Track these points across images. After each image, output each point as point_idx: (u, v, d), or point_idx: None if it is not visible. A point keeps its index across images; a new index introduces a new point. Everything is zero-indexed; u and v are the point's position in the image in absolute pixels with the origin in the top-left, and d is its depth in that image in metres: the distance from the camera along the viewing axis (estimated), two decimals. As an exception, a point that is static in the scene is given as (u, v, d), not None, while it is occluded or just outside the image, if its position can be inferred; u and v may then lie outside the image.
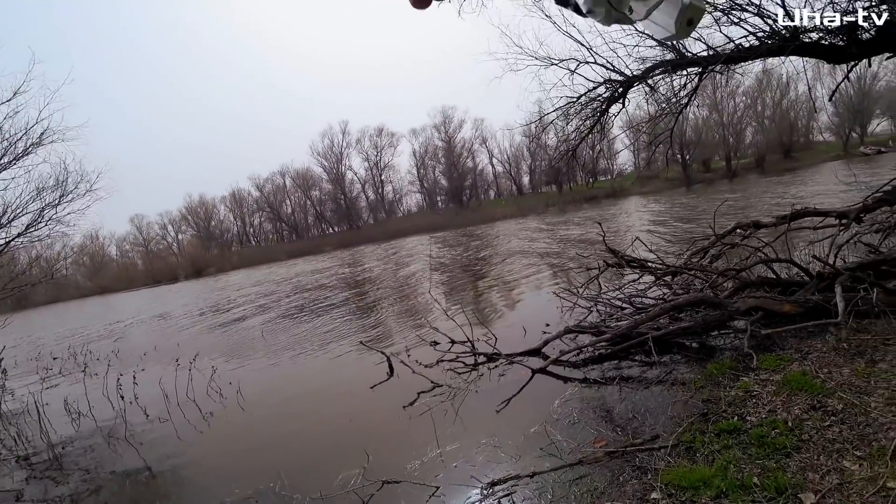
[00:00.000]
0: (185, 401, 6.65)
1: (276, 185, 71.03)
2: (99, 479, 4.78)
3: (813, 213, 5.60)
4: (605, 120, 6.69)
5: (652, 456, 2.92)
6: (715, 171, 49.66)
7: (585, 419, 3.77)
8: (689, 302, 4.80)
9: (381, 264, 23.49)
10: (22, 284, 11.94)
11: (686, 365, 4.41)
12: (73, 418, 6.93)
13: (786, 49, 4.38)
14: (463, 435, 4.02)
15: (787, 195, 18.34)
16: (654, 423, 3.40)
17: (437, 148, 67.44)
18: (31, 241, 11.99)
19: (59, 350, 13.29)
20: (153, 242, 71.55)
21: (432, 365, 6.07)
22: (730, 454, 2.66)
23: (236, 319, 14.71)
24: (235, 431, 5.47)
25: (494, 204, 60.74)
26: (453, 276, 15.19)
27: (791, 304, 4.39)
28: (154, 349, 11.47)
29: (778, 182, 27.63)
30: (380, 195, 69.74)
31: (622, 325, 5.07)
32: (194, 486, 4.36)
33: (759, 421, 2.94)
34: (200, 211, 71.03)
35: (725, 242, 6.01)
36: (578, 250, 12.67)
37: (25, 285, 12.13)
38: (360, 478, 3.62)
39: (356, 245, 49.03)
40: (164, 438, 5.54)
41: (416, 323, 8.95)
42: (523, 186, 68.47)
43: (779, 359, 3.77)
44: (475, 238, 28.30)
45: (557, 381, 4.82)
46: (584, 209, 38.11)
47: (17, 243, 11.47)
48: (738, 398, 3.33)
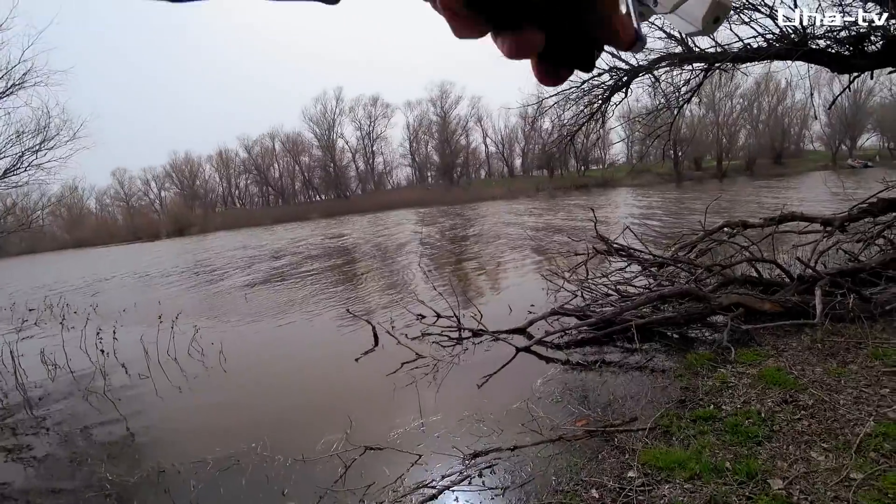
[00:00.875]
0: (165, 359, 6.60)
1: (264, 148, 69.69)
2: (75, 434, 4.72)
3: (800, 218, 5.74)
4: (607, 108, 6.67)
5: (630, 437, 3.04)
6: (705, 169, 50.20)
7: (567, 399, 3.88)
8: (675, 293, 4.92)
9: (368, 235, 23.37)
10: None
11: (666, 354, 4.55)
12: (50, 370, 6.85)
13: (793, 53, 4.40)
14: (445, 407, 4.10)
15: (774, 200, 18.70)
16: (634, 407, 3.52)
17: (431, 123, 66.66)
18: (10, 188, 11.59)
19: (34, 301, 13.04)
20: (135, 198, 69.93)
21: (418, 338, 6.13)
22: (705, 439, 2.78)
23: (220, 281, 14.57)
24: (217, 392, 5.47)
25: (485, 184, 60.62)
26: (441, 252, 15.22)
27: (772, 303, 4.53)
28: (134, 306, 11.33)
29: (766, 186, 28.11)
30: (370, 166, 68.92)
31: (607, 310, 5.18)
32: (173, 444, 4.30)
33: (733, 410, 3.07)
34: (185, 169, 69.37)
35: (713, 239, 6.14)
36: (567, 235, 12.78)
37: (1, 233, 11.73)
38: (343, 443, 3.67)
39: (343, 214, 48.63)
40: (144, 395, 5.50)
41: (403, 295, 8.99)
42: (515, 169, 68.36)
43: (756, 354, 3.92)
44: (465, 216, 28.29)
45: (540, 360, 4.93)
46: (574, 196, 38.29)
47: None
48: (715, 388, 3.46)
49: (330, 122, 65.41)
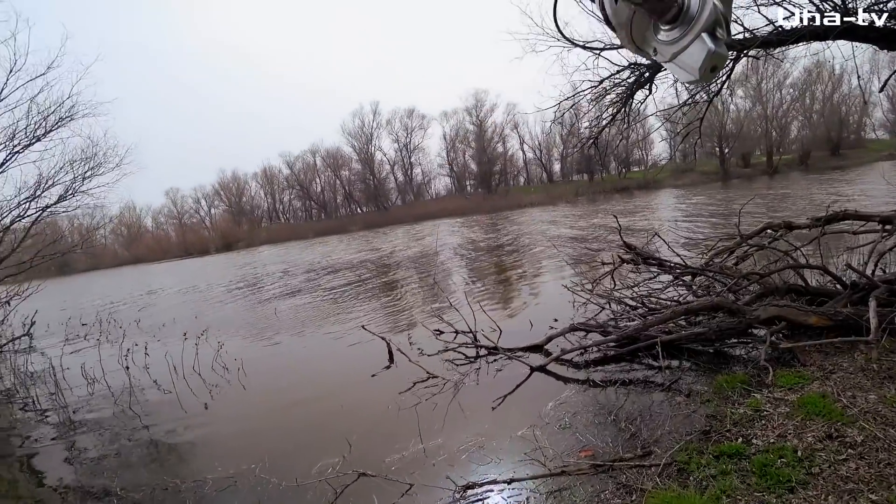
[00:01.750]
0: (191, 374, 6.76)
1: (306, 164, 71.93)
2: (101, 444, 4.92)
3: (853, 217, 5.09)
4: (631, 106, 6.24)
5: (641, 474, 2.68)
6: (754, 166, 47.27)
7: (577, 424, 3.53)
8: (705, 306, 4.44)
9: (403, 247, 23.44)
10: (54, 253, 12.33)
11: (695, 374, 4.09)
12: (90, 384, 7.16)
13: (832, 32, 3.87)
14: (449, 431, 3.86)
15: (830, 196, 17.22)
16: (650, 437, 3.13)
17: (467, 132, 66.62)
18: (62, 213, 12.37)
19: (88, 316, 13.82)
20: (187, 216, 73.93)
21: (434, 354, 5.93)
22: (726, 482, 2.39)
23: (254, 295, 14.97)
24: (233, 409, 5.49)
25: (523, 190, 59.79)
26: (473, 262, 14.96)
27: (818, 316, 3.99)
28: (173, 321, 11.77)
29: (822, 180, 26.04)
30: (408, 177, 69.71)
31: (630, 326, 4.76)
32: (184, 460, 4.41)
33: (765, 446, 2.64)
34: (233, 186, 72.73)
35: (752, 244, 5.56)
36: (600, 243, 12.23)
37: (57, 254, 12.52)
38: (340, 467, 3.52)
39: (383, 226, 49.28)
40: (166, 411, 5.61)
41: (424, 310, 8.81)
42: (553, 174, 67.20)
43: (798, 376, 3.42)
44: (499, 225, 27.87)
45: (558, 380, 4.58)
46: (615, 200, 37.04)
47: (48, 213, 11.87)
48: (746, 417, 3.02)
49: (368, 136, 66.86)
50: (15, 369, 9.13)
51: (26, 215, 11.22)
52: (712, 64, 0.41)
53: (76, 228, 23.68)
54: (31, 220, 11.46)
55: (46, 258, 12.13)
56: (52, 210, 11.69)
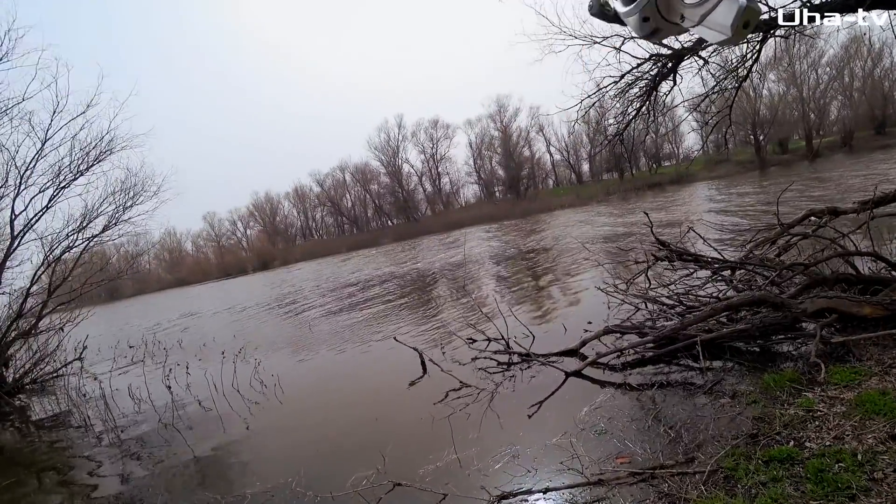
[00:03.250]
0: (230, 391, 6.94)
1: (335, 180, 73.48)
2: (147, 461, 5.11)
3: (905, 198, 4.74)
4: (655, 99, 6.06)
5: (684, 482, 2.53)
6: (793, 151, 44.96)
7: (614, 430, 3.39)
8: (746, 301, 4.21)
9: (434, 257, 23.51)
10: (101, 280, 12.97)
11: (739, 374, 3.87)
12: (136, 403, 7.47)
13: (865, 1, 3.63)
14: (483, 440, 3.79)
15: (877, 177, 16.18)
16: (692, 442, 2.97)
17: (492, 138, 66.49)
18: (108, 241, 13.01)
19: (135, 339, 14.45)
20: (224, 238, 76.65)
21: (467, 363, 5.88)
22: (778, 489, 2.22)
23: (290, 312, 15.31)
24: (271, 424, 5.60)
25: (553, 193, 59.10)
26: (504, 268, 14.83)
27: (872, 306, 3.71)
28: (213, 340, 12.15)
29: (868, 162, 24.53)
30: (437, 187, 70.09)
31: (667, 325, 4.57)
32: (224, 475, 4.53)
33: (820, 449, 2.45)
34: (266, 207, 75.06)
35: (795, 233, 5.26)
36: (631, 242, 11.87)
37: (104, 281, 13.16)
38: (374, 478, 3.52)
39: (414, 237, 49.65)
40: (210, 427, 5.79)
41: (456, 318, 8.77)
42: (583, 174, 66.14)
43: (853, 372, 3.18)
44: (531, 228, 27.58)
45: (594, 385, 4.44)
46: (648, 196, 36.06)
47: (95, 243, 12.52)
48: (798, 419, 2.82)
49: (394, 149, 67.69)
50: (69, 392, 9.63)
51: (74, 246, 11.86)
52: (745, 19, 0.39)
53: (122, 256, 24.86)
54: (80, 250, 12.09)
55: (94, 285, 12.75)
56: (97, 239, 12.31)
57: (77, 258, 12.51)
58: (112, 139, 11.30)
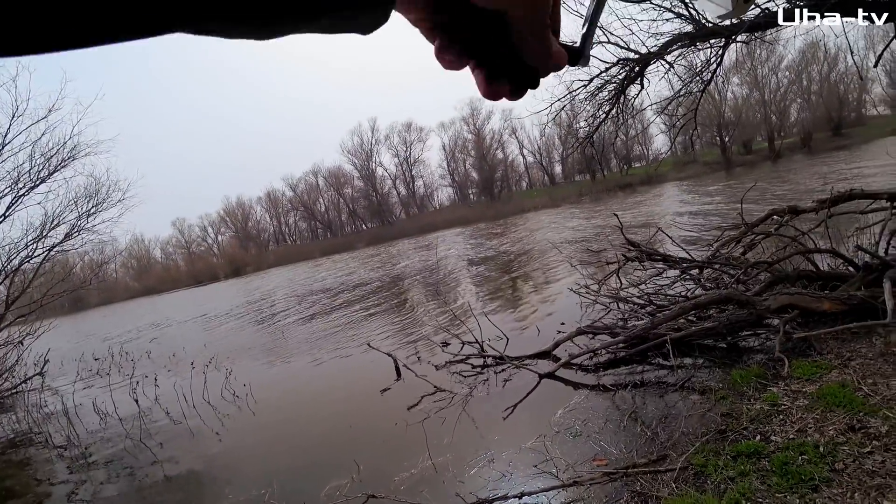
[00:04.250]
0: (201, 402, 6.73)
1: (308, 185, 72.57)
2: (114, 479, 4.90)
3: (860, 196, 4.94)
4: (624, 102, 6.17)
5: (656, 480, 2.56)
6: (757, 152, 46.74)
7: (588, 431, 3.41)
8: (713, 300, 4.32)
9: (408, 261, 23.39)
10: (63, 291, 12.41)
11: (709, 370, 3.96)
12: (102, 418, 7.16)
13: (821, 7, 3.78)
14: (458, 445, 3.76)
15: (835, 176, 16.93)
16: (665, 439, 3.01)
17: (466, 141, 66.92)
18: (70, 251, 12.49)
19: (100, 351, 13.87)
20: (194, 244, 74.55)
21: (442, 367, 5.84)
22: (745, 484, 2.27)
23: (263, 319, 14.98)
24: (243, 435, 5.44)
25: (526, 195, 59.73)
26: (477, 271, 14.86)
27: (832, 302, 3.85)
28: (183, 350, 11.75)
29: (826, 162, 25.66)
30: (411, 190, 69.95)
31: (638, 325, 4.64)
32: (196, 491, 4.39)
33: (784, 443, 2.52)
34: (238, 212, 73.42)
35: (758, 232, 5.43)
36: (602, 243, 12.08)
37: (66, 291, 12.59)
38: (348, 489, 3.45)
39: (389, 240, 49.36)
40: (180, 441, 5.60)
41: (430, 323, 8.72)
42: (555, 176, 67.12)
43: (815, 366, 3.28)
44: (504, 231, 27.74)
45: (568, 386, 4.47)
46: (619, 197, 36.80)
47: (56, 252, 11.99)
48: (763, 413, 2.89)
49: (368, 153, 67.32)
50: (29, 409, 9.16)
51: (34, 255, 11.34)
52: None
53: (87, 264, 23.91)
54: (40, 259, 11.56)
55: (56, 296, 12.21)
56: (59, 248, 11.80)
57: (37, 268, 11.97)
58: (76, 145, 10.90)
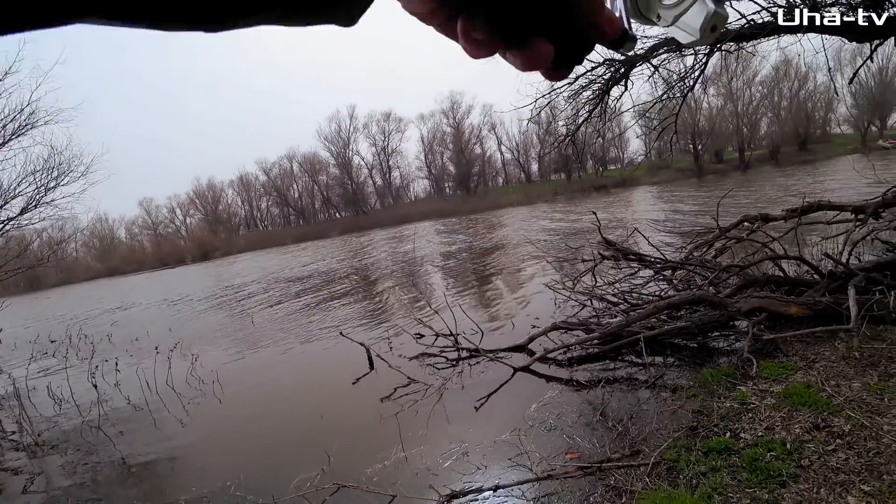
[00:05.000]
0: (164, 389, 6.49)
1: (283, 170, 70.90)
2: (69, 468, 4.67)
3: (827, 207, 5.16)
4: (607, 103, 6.23)
5: (630, 475, 2.60)
6: (727, 162, 48.45)
7: (562, 425, 3.44)
8: (686, 300, 4.42)
9: (382, 251, 23.21)
10: (18, 268, 11.77)
11: (680, 369, 4.05)
12: (57, 403, 6.82)
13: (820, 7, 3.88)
14: (431, 437, 3.73)
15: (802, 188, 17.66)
16: (638, 435, 3.06)
17: (445, 134, 66.58)
18: (26, 225, 11.84)
19: (57, 332, 13.24)
20: (162, 226, 71.99)
21: (414, 358, 5.80)
22: (717, 479, 2.32)
23: (231, 305, 14.58)
24: (209, 424, 5.26)
25: (502, 191, 60.03)
26: (452, 264, 14.86)
27: (798, 306, 4.00)
28: (147, 334, 11.33)
29: (792, 174, 26.76)
30: (387, 180, 69.30)
31: (613, 322, 4.71)
32: (157, 481, 4.21)
33: (753, 440, 2.59)
34: (208, 195, 71.18)
35: (730, 236, 5.60)
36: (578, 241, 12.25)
37: (21, 269, 11.94)
38: (318, 480, 3.38)
39: (362, 230, 48.87)
40: (142, 428, 5.39)
41: (405, 314, 8.66)
42: (532, 174, 67.69)
43: (781, 367, 3.40)
44: (479, 226, 27.85)
45: (541, 380, 4.50)
46: (593, 198, 37.47)
47: (11, 226, 11.34)
48: (733, 411, 2.97)
49: (345, 140, 66.16)
50: (-23, 392, 8.68)
51: (-13, 229, 10.72)
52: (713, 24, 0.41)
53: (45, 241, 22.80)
54: (-7, 234, 10.94)
55: (10, 273, 11.57)
56: (15, 223, 11.16)
57: (-8, 243, 11.34)
58: (33, 112, 10.28)
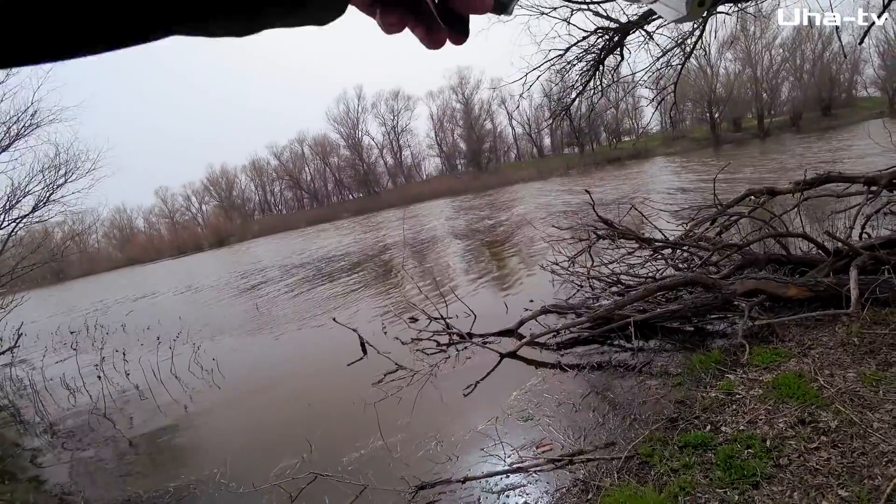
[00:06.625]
0: (169, 377, 6.63)
1: (294, 153, 70.67)
2: (75, 454, 4.84)
3: (837, 179, 4.83)
4: (602, 73, 5.91)
5: (600, 469, 2.48)
6: (746, 130, 46.46)
7: (540, 415, 3.33)
8: (679, 282, 4.21)
9: (391, 233, 23.13)
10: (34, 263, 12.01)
11: (671, 354, 3.89)
12: (70, 393, 7.06)
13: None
14: (412, 426, 3.69)
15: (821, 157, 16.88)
16: (616, 425, 2.93)
17: (454, 110, 65.03)
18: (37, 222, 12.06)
19: (77, 323, 13.61)
20: (178, 213, 72.85)
21: (408, 343, 5.75)
22: (687, 477, 2.19)
23: (241, 292, 14.79)
24: (207, 411, 5.35)
25: (514, 166, 58.93)
26: (455, 244, 14.70)
27: (798, 288, 3.76)
28: (158, 323, 11.54)
29: (814, 141, 25.61)
30: (398, 160, 68.59)
31: (603, 305, 4.55)
32: (152, 467, 4.32)
33: (733, 434, 2.43)
34: (222, 181, 71.60)
35: (732, 213, 5.31)
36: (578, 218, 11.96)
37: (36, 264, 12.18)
38: (297, 469, 3.40)
39: (375, 210, 48.84)
40: (145, 415, 5.54)
41: (403, 297, 8.61)
42: (544, 148, 66.16)
43: (775, 353, 3.20)
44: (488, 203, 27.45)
45: (529, 366, 4.39)
46: (607, 171, 36.61)
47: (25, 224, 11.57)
48: (717, 402, 2.81)
49: (354, 121, 65.43)
50: (2, 382, 9.03)
51: (1, 227, 10.95)
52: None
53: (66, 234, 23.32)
54: (7, 232, 11.17)
55: (27, 268, 11.85)
56: (27, 220, 11.39)
57: (5, 241, 11.56)
58: (36, 112, 10.34)
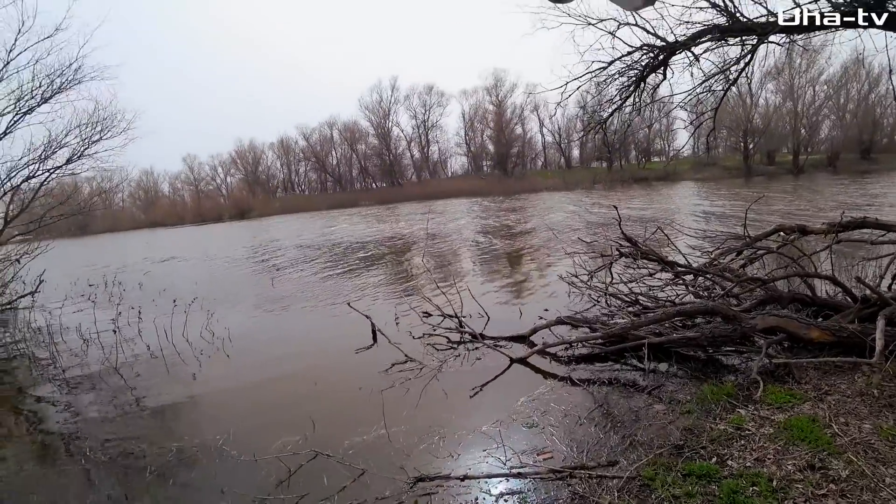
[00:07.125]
0: (180, 339, 6.79)
1: (322, 136, 71.22)
2: (83, 402, 4.99)
3: (873, 225, 4.71)
4: (643, 90, 5.86)
5: (600, 486, 2.48)
6: (779, 164, 45.32)
7: (545, 424, 3.33)
8: (699, 310, 4.17)
9: (410, 226, 23.23)
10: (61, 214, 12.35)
11: (682, 380, 3.85)
12: (84, 342, 7.29)
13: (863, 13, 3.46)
14: (415, 418, 3.71)
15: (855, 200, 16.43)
16: (619, 445, 2.92)
17: (486, 111, 64.76)
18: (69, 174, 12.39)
19: (96, 277, 13.98)
20: (203, 182, 74.16)
21: (419, 337, 5.80)
22: (689, 506, 2.18)
23: (258, 265, 15.02)
24: (214, 378, 5.44)
25: (540, 174, 58.52)
26: (475, 245, 14.71)
27: (821, 331, 3.69)
28: (174, 285, 11.82)
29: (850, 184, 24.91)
30: (425, 154, 68.71)
31: (619, 323, 4.52)
32: (156, 425, 4.39)
33: (739, 470, 2.41)
34: (249, 155, 72.58)
35: (761, 246, 5.23)
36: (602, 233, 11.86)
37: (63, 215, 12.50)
38: (298, 445, 3.44)
39: (396, 202, 49.03)
40: (153, 374, 5.67)
41: (417, 291, 8.65)
42: (572, 159, 65.66)
43: (789, 394, 3.15)
44: (512, 208, 27.39)
45: (537, 374, 4.40)
46: (633, 190, 36.18)
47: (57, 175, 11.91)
48: (726, 435, 2.78)
49: (385, 111, 65.73)
50: (18, 324, 9.31)
51: (35, 175, 11.29)
52: None
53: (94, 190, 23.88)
54: (40, 180, 11.51)
55: (55, 218, 12.19)
56: (60, 172, 11.73)
57: (37, 189, 11.91)
58: (80, 67, 10.63)
